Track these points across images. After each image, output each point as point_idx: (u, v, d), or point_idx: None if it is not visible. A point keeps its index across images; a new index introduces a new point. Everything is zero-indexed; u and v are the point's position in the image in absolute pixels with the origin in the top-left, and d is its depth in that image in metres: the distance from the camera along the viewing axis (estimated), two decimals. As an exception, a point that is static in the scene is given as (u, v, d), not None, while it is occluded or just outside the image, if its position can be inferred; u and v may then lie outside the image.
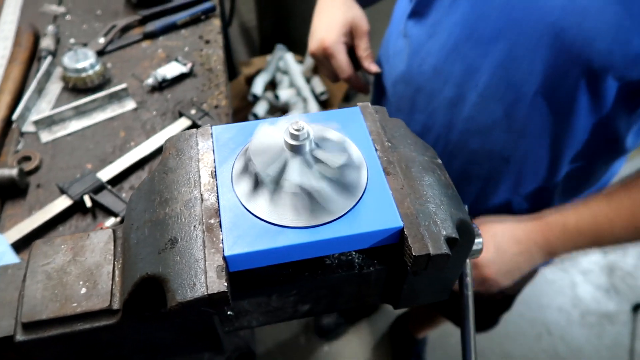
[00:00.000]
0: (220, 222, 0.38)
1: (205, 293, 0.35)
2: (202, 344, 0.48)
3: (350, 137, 0.44)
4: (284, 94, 2.16)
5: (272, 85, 2.32)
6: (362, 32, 0.82)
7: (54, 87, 0.85)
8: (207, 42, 0.95)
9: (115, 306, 0.41)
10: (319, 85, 2.24)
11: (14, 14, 0.98)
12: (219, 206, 0.39)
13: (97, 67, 0.84)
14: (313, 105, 2.17)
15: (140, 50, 0.93)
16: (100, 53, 0.91)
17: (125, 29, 0.96)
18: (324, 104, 2.25)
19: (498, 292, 0.72)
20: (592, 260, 2.17)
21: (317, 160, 0.39)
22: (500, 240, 0.67)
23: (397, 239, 0.39)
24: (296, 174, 0.38)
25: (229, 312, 0.49)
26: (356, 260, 0.46)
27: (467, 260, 0.57)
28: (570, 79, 0.61)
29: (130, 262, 0.40)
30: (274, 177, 0.38)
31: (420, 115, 0.76)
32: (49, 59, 0.87)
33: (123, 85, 0.81)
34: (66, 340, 0.41)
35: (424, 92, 0.73)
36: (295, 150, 0.38)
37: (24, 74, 0.85)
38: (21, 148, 0.76)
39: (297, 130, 0.38)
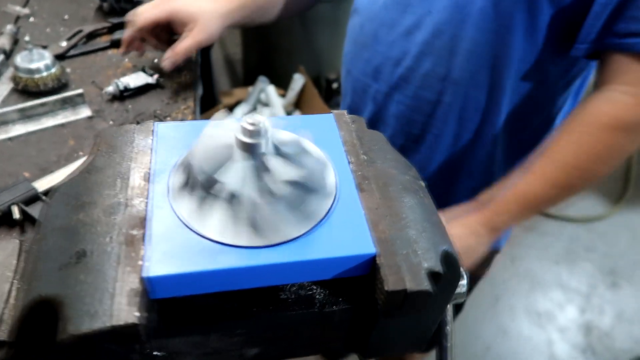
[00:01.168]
0: (145, 234, 0.30)
1: (108, 324, 0.26)
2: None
3: (320, 146, 0.37)
4: (263, 126, 2.10)
5: (252, 117, 2.27)
6: (191, 34, 0.78)
7: (2, 88, 0.77)
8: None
9: (2, 337, 0.32)
10: (300, 120, 2.20)
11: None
12: (146, 215, 0.31)
13: (53, 70, 0.77)
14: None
15: (105, 58, 0.86)
16: (61, 57, 0.84)
17: (93, 36, 0.89)
18: (304, 140, 2.20)
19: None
20: (569, 317, 2.11)
21: (274, 166, 0.32)
22: (449, 226, 0.68)
23: (368, 269, 0.32)
24: (247, 181, 0.31)
25: (155, 353, 0.40)
26: (317, 296, 0.37)
27: (449, 306, 0.49)
28: None
29: (27, 281, 0.32)
30: (219, 184, 0.31)
31: (381, 46, 0.79)
32: (1, 57, 0.79)
33: (79, 91, 0.74)
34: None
35: (385, 24, 0.77)
36: (248, 150, 0.31)
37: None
38: (-46, 150, 0.67)
39: (252, 124, 0.30)
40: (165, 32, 0.80)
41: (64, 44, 0.85)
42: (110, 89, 0.77)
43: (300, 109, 2.27)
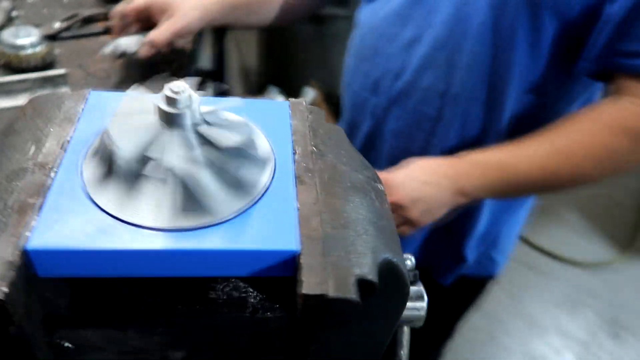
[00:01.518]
0: (42, 204, 0.27)
1: (-34, 298, 0.23)
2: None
3: (267, 133, 0.34)
4: (268, 136, 2.08)
5: (259, 126, 2.25)
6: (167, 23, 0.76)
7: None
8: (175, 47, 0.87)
9: None
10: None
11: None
12: (50, 185, 0.28)
13: (39, 48, 0.75)
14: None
15: (98, 44, 0.85)
16: (52, 38, 0.82)
17: (89, 21, 0.88)
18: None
19: (400, 222, 0.67)
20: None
21: (202, 138, 0.28)
22: (413, 169, 0.66)
23: (292, 270, 0.28)
24: (167, 152, 0.27)
25: (65, 344, 0.36)
26: (251, 300, 0.34)
27: (405, 328, 0.44)
28: (511, 8, 0.63)
29: None
30: (135, 156, 0.27)
31: (380, 59, 0.76)
32: (-11, 32, 0.78)
33: (61, 71, 0.72)
34: None
35: (386, 37, 0.75)
36: (171, 121, 0.28)
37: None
38: None
39: (176, 92, 0.27)
40: (150, 21, 0.79)
41: (57, 24, 0.84)
42: (109, 49, 0.75)
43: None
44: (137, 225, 0.26)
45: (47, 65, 0.76)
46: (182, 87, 0.27)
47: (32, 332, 0.32)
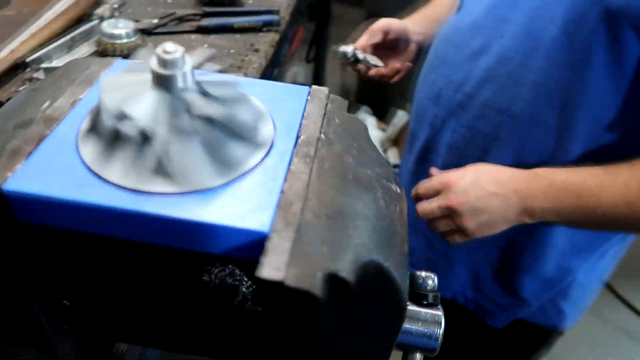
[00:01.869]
0: (33, 152, 0.27)
1: None
2: (14, 326, 0.36)
3: (276, 115, 0.32)
4: (353, 153, 2.07)
5: (347, 144, 2.25)
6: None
7: (86, 49, 0.83)
8: (256, 50, 0.90)
9: None
10: (394, 156, 2.13)
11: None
12: (47, 136, 0.29)
13: (132, 39, 0.81)
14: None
15: (186, 41, 0.90)
16: (148, 32, 0.88)
17: (184, 20, 0.94)
18: (393, 177, 2.12)
19: (453, 229, 0.62)
20: None
21: (197, 97, 0.27)
22: (480, 176, 0.60)
23: (260, 254, 0.26)
24: (148, 113, 0.27)
25: (64, 301, 0.37)
26: (243, 289, 0.32)
27: (418, 356, 0.40)
28: (588, 23, 0.56)
29: None
30: (128, 119, 0.27)
31: (446, 69, 0.72)
32: (95, 22, 0.86)
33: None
34: None
35: (455, 46, 0.71)
36: (162, 82, 0.27)
37: (65, 28, 0.84)
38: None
39: (167, 52, 0.27)
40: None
41: (154, 21, 0.90)
42: (347, 49, 0.85)
43: (398, 147, 2.20)
44: (108, 182, 0.26)
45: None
46: (175, 49, 0.27)
47: (24, 282, 0.33)
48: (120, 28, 0.82)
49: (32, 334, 0.37)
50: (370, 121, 2.20)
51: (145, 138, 0.26)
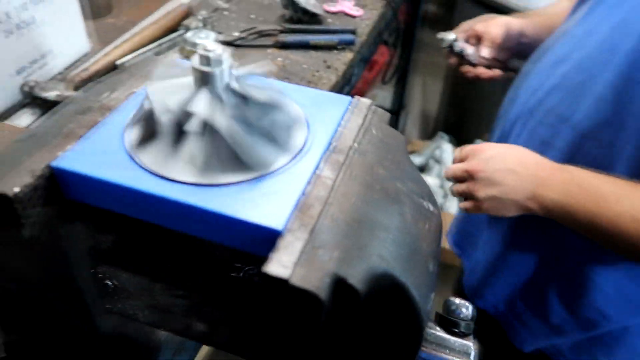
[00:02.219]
0: (84, 135, 0.30)
1: (-11, 188, 0.26)
2: (64, 299, 0.39)
3: (314, 121, 0.33)
4: (426, 180, 2.03)
5: (420, 169, 2.21)
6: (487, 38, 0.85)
7: (172, 56, 0.89)
8: (328, 67, 0.91)
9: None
10: (467, 186, 2.06)
11: None
12: (99, 122, 0.31)
13: (213, 50, 0.86)
14: (454, 203, 1.98)
15: (263, 54, 0.93)
16: (228, 44, 0.93)
17: (264, 34, 0.98)
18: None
19: (467, 194, 0.62)
20: None
21: (234, 96, 0.29)
22: (508, 152, 0.62)
23: (270, 250, 0.26)
24: (195, 104, 0.28)
25: (107, 281, 0.39)
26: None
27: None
28: None
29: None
30: (165, 110, 0.29)
31: (530, 74, 0.71)
32: (182, 32, 0.92)
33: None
34: None
35: (544, 52, 0.71)
36: (203, 79, 0.29)
37: (157, 36, 0.91)
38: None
39: (207, 50, 0.28)
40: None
41: (236, 34, 0.95)
42: (450, 38, 0.88)
43: (473, 177, 2.13)
44: (142, 167, 0.27)
45: (215, 64, 0.86)
46: (215, 47, 0.28)
47: (75, 260, 0.36)
48: (202, 38, 0.87)
49: (77, 307, 0.39)
50: (447, 149, 2.15)
51: (178, 130, 0.27)
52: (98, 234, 0.35)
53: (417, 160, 2.18)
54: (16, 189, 0.26)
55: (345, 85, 0.98)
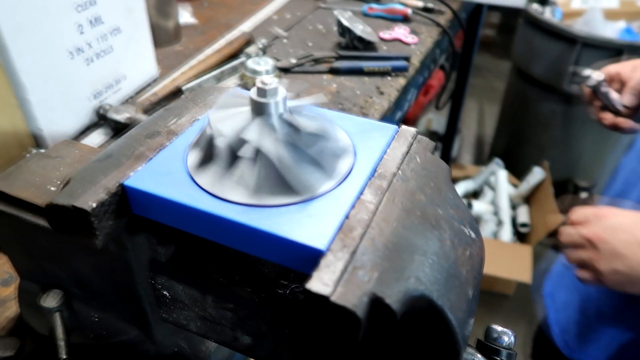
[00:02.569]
0: (152, 157, 0.33)
1: (69, 204, 0.30)
2: (124, 306, 0.42)
3: (360, 147, 0.35)
4: (478, 206, 1.99)
5: (474, 195, 2.17)
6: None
7: (232, 82, 0.94)
8: (381, 93, 0.93)
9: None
10: (524, 215, 2.00)
11: (247, 27, 1.15)
12: (166, 146, 0.34)
13: (271, 76, 0.91)
14: (507, 231, 1.93)
15: (317, 80, 0.97)
16: (285, 70, 0.98)
17: (319, 61, 1.02)
18: (522, 237, 1.99)
19: (586, 263, 0.57)
20: None
21: (285, 125, 0.31)
22: (638, 222, 0.55)
23: (313, 268, 0.28)
24: (247, 133, 0.31)
25: (164, 292, 0.42)
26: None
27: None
28: None
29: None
30: (222, 136, 0.32)
31: None
32: (242, 59, 0.97)
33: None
34: (14, 224, 0.41)
35: None
36: (259, 110, 0.31)
37: (219, 63, 0.96)
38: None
39: (265, 84, 0.31)
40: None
41: (293, 60, 0.99)
42: (595, 75, 0.81)
43: (530, 205, 2.07)
44: (200, 187, 0.30)
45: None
46: (271, 81, 0.31)
47: (137, 269, 0.39)
48: (261, 65, 0.92)
49: (136, 314, 0.43)
50: (502, 175, 2.10)
51: (233, 154, 0.30)
52: (158, 246, 0.38)
53: (471, 185, 2.14)
54: (93, 204, 0.29)
55: (397, 111, 1.00)
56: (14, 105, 0.63)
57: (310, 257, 0.27)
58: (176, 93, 0.89)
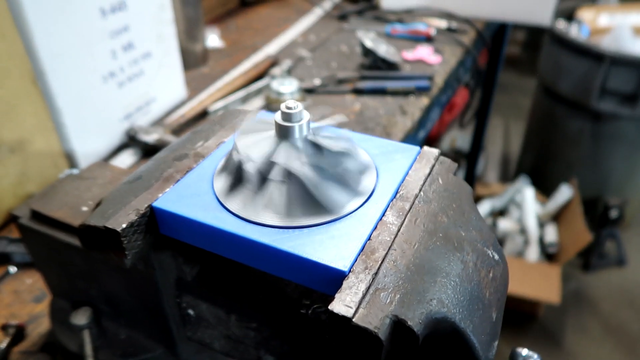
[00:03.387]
0: (180, 179, 0.34)
1: (101, 225, 0.31)
2: (151, 324, 0.43)
3: (383, 168, 0.35)
4: (504, 224, 1.96)
5: (500, 213, 2.13)
6: None
7: (257, 102, 0.96)
8: (404, 112, 0.94)
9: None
10: (552, 234, 1.96)
11: (272, 49, 1.18)
12: (193, 168, 0.36)
13: (295, 96, 0.92)
14: (534, 251, 1.89)
15: (341, 100, 0.98)
16: (310, 91, 0.99)
17: (343, 81, 1.03)
18: (550, 257, 1.94)
19: None
20: None
21: (310, 147, 0.32)
22: None
23: (335, 290, 0.28)
24: (273, 157, 0.32)
25: (189, 311, 0.43)
26: (334, 328, 0.35)
27: None
28: None
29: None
30: (250, 160, 0.33)
31: None
32: (267, 80, 0.99)
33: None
34: (49, 242, 0.43)
35: None
36: (284, 133, 0.32)
37: (245, 84, 0.98)
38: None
39: (289, 108, 0.32)
40: None
41: (317, 81, 1.01)
42: None
43: (558, 223, 2.02)
44: (227, 210, 0.31)
45: (296, 110, 0.92)
46: (295, 105, 0.32)
47: (164, 288, 0.40)
48: (286, 86, 0.93)
49: (162, 333, 0.43)
50: (529, 193, 2.07)
51: (261, 178, 0.31)
52: (183, 266, 0.39)
53: (497, 204, 2.11)
54: (123, 225, 0.31)
55: (421, 130, 1.00)
56: (50, 128, 0.66)
57: (333, 279, 0.28)
58: (203, 114, 0.91)
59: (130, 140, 0.80)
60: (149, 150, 0.80)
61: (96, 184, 0.46)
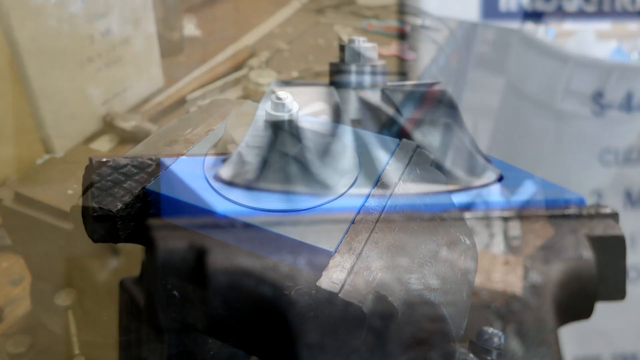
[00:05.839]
0: (171, 164, 0.36)
1: (97, 205, 0.32)
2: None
3: (364, 159, 0.37)
4: (470, 219, 2.02)
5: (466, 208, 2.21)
6: None
7: (234, 92, 0.97)
8: (379, 107, 0.97)
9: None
10: (515, 228, 2.03)
11: (250, 40, 1.18)
12: (184, 154, 0.37)
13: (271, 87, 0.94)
14: (497, 242, 1.96)
15: (314, 92, 1.00)
16: (288, 83, 1.01)
17: (318, 75, 1.05)
18: (513, 250, 2.02)
19: None
20: None
21: (299, 134, 0.34)
22: None
23: (322, 269, 0.30)
24: (264, 144, 0.33)
25: (174, 292, 0.44)
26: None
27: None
28: None
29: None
30: (240, 146, 0.34)
31: None
32: (245, 71, 1.00)
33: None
34: (33, 225, 0.43)
35: None
36: (275, 123, 0.34)
37: (222, 74, 0.99)
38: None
39: (279, 99, 0.33)
40: None
41: (294, 74, 1.03)
42: None
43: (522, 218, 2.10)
44: (219, 194, 0.33)
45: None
46: (285, 96, 0.33)
47: (151, 270, 0.41)
48: (263, 77, 0.95)
49: (148, 315, 0.45)
50: (494, 188, 2.14)
51: (250, 163, 0.33)
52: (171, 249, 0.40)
53: (464, 198, 2.18)
54: (119, 204, 0.32)
55: (394, 125, 1.03)
56: (26, 112, 0.66)
57: (320, 258, 0.30)
58: (181, 103, 0.92)
59: (107, 127, 0.80)
60: (126, 137, 0.80)
61: (80, 168, 0.47)
